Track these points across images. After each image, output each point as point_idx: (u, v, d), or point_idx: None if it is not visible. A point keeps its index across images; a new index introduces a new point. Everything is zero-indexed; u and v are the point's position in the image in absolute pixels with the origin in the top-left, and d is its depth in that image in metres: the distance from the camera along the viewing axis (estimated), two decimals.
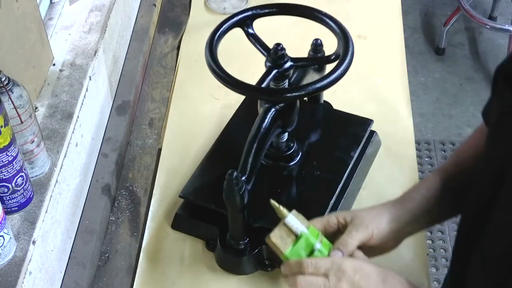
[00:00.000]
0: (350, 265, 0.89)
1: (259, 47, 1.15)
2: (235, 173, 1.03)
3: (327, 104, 1.37)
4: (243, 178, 1.06)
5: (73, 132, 1.18)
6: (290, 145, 1.24)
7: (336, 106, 1.36)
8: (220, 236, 1.16)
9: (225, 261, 1.17)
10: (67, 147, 1.16)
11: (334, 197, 1.18)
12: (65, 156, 1.14)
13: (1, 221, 0.93)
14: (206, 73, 1.13)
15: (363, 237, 0.96)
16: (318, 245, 0.93)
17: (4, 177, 0.97)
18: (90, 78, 1.28)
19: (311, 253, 0.93)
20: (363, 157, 1.28)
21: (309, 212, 0.98)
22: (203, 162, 1.26)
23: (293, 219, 0.93)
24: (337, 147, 1.26)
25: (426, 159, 2.66)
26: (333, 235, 0.98)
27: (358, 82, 1.49)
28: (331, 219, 0.99)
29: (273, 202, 0.95)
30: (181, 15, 1.75)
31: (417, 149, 2.28)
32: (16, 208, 1.03)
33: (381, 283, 0.89)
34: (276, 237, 0.93)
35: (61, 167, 1.12)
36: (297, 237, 0.93)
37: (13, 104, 0.98)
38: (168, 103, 1.50)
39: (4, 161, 0.95)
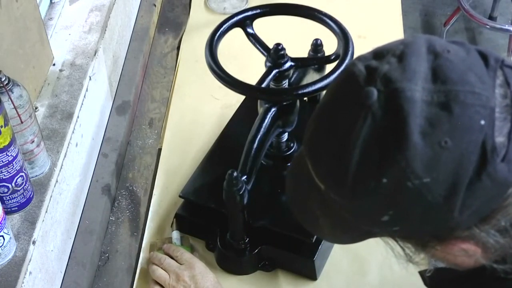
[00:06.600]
0: (188, 273, 1.08)
1: (259, 47, 1.15)
2: (235, 173, 1.03)
3: None
4: (243, 178, 1.06)
5: (73, 132, 1.18)
6: (290, 145, 1.24)
7: None
8: (220, 236, 1.16)
9: (225, 261, 1.17)
10: (67, 147, 1.16)
11: None
12: (65, 156, 1.14)
13: (1, 221, 0.93)
14: (206, 73, 1.13)
15: None
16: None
17: (4, 177, 0.97)
18: (90, 78, 1.28)
19: None
20: None
21: None
22: (203, 162, 1.26)
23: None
24: None
25: None
26: None
27: None
28: None
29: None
30: (181, 15, 1.75)
31: None
32: (16, 208, 1.03)
33: None
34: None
35: (61, 167, 1.12)
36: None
37: (13, 104, 0.98)
38: (168, 103, 1.50)
39: (4, 161, 0.95)
